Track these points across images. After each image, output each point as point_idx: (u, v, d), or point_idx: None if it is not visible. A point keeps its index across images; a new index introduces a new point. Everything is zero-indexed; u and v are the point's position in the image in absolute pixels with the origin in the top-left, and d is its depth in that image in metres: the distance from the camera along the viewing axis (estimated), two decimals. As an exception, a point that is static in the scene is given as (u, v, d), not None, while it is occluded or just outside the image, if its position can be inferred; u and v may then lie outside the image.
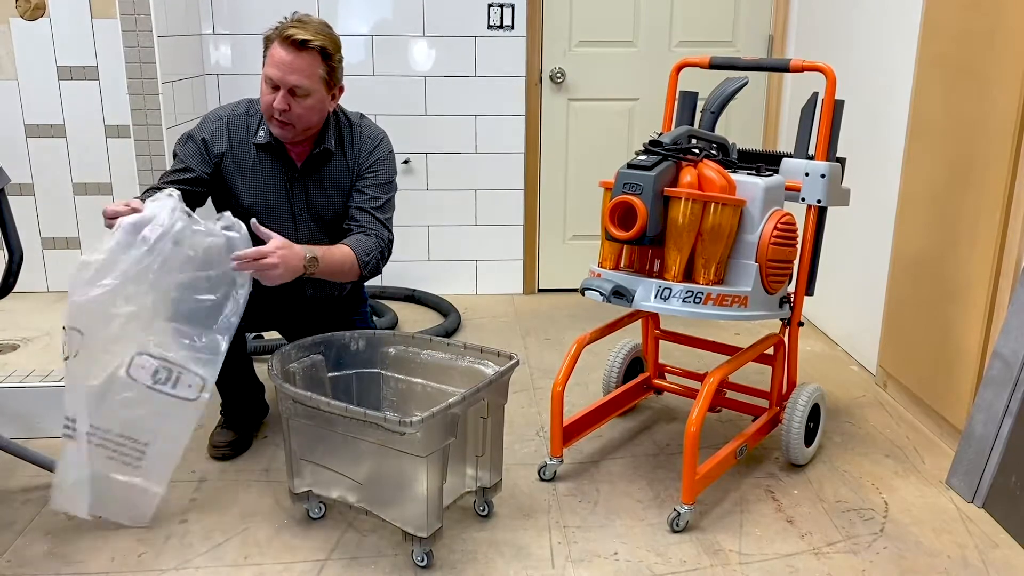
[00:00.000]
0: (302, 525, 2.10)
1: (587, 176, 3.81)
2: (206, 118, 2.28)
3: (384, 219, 2.30)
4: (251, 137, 2.25)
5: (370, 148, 2.32)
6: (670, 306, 2.04)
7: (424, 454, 1.81)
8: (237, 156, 2.25)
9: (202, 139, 2.24)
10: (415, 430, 1.76)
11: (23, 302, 3.39)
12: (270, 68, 2.12)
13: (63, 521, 2.10)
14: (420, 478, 1.85)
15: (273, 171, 2.26)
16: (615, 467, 2.39)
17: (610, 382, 2.63)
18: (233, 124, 2.26)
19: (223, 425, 2.48)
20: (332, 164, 2.29)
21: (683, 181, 2.05)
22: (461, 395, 1.86)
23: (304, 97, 2.13)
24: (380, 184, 2.31)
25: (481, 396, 1.95)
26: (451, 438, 1.87)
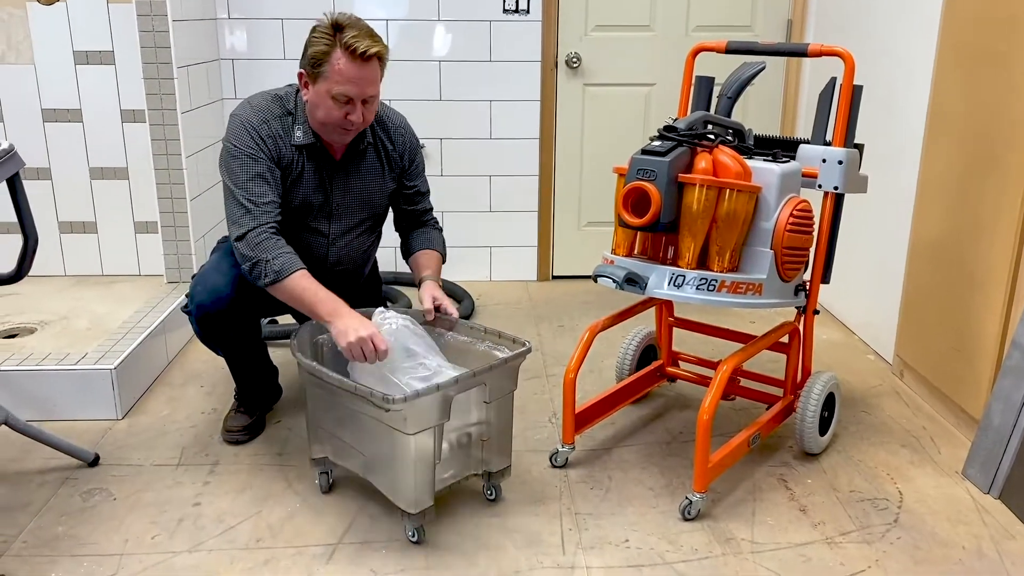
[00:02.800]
0: (314, 509, 2.11)
1: (602, 162, 3.78)
2: (243, 128, 2.15)
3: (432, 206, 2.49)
4: (290, 138, 2.20)
5: (403, 138, 2.34)
6: (683, 293, 2.03)
7: (411, 432, 1.84)
8: (283, 158, 2.20)
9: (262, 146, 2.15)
10: (399, 407, 1.79)
11: (40, 286, 3.41)
12: (344, 86, 2.04)
13: (78, 503, 2.12)
14: (407, 455, 1.88)
15: (312, 169, 2.24)
16: (627, 455, 2.38)
17: (623, 369, 2.62)
18: (272, 127, 2.17)
19: (237, 409, 2.49)
20: (367, 155, 2.29)
21: (698, 167, 2.03)
22: (453, 377, 1.87)
23: (373, 102, 2.14)
24: (423, 174, 2.44)
25: (481, 380, 1.95)
26: (443, 419, 1.89)
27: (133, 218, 3.49)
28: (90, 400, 2.53)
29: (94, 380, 2.52)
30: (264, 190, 2.13)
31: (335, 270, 2.38)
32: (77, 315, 3.08)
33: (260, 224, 2.09)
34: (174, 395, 2.72)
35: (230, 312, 2.21)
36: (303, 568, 1.89)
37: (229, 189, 2.15)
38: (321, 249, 2.33)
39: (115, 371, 2.53)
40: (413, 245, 2.42)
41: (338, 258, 2.37)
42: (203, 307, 2.21)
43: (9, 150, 1.99)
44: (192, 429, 2.50)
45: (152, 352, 2.82)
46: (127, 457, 2.34)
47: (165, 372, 2.89)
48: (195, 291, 2.24)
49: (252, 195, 2.12)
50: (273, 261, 2.06)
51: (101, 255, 3.54)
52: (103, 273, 3.56)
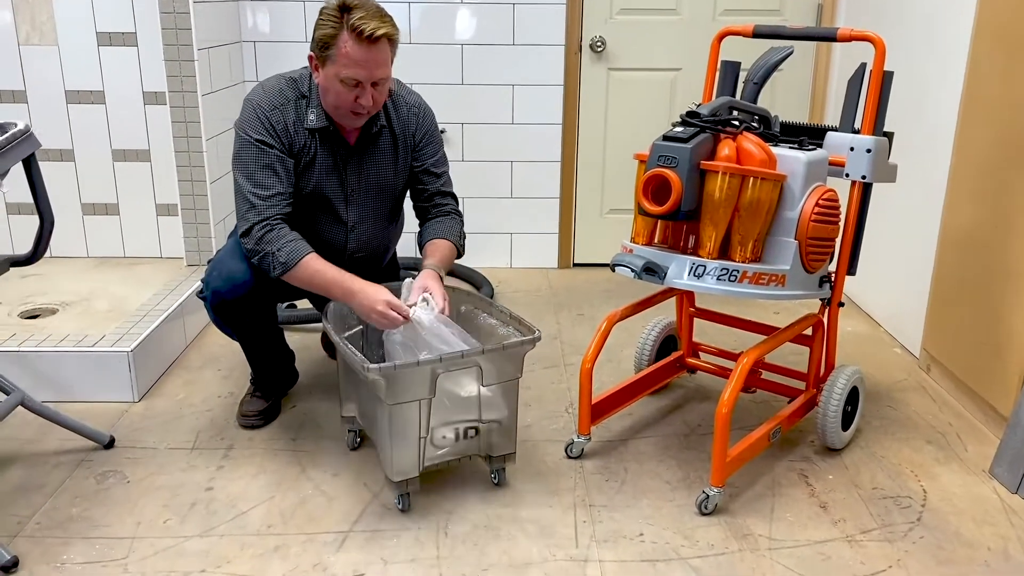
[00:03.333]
0: (327, 496, 2.09)
1: (626, 149, 3.71)
2: (255, 113, 2.13)
3: (455, 195, 2.40)
4: (303, 122, 2.17)
5: (418, 120, 2.29)
6: (704, 284, 1.98)
7: (389, 402, 1.87)
8: (295, 143, 2.17)
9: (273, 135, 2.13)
10: (372, 375, 1.82)
11: (63, 266, 3.44)
12: (352, 69, 2.01)
13: (92, 486, 2.12)
14: (385, 425, 1.91)
15: (326, 154, 2.21)
16: (644, 446, 2.35)
17: (642, 360, 2.57)
18: (285, 112, 2.14)
19: (253, 394, 2.48)
20: (381, 139, 2.26)
21: (721, 154, 1.98)
22: (437, 355, 1.89)
23: (383, 84, 2.09)
24: (440, 158, 2.36)
25: (472, 363, 1.93)
26: (427, 395, 1.90)
27: (155, 200, 3.50)
28: (107, 382, 2.53)
29: (111, 362, 2.53)
30: (272, 181, 2.11)
31: (354, 257, 2.35)
32: (98, 297, 3.09)
33: (264, 218, 2.08)
34: (191, 378, 2.72)
35: (246, 299, 2.19)
36: (313, 555, 1.88)
37: (237, 181, 2.14)
38: (340, 237, 2.31)
39: (132, 354, 2.53)
40: (424, 235, 2.34)
41: (358, 245, 2.34)
42: (219, 294, 2.20)
43: (25, 131, 1.99)
44: (208, 413, 2.50)
45: (170, 335, 2.83)
46: (142, 440, 2.34)
47: (183, 355, 2.89)
48: (210, 277, 2.22)
49: (258, 187, 2.10)
50: (279, 252, 2.04)
51: (123, 237, 3.56)
52: (125, 255, 3.57)
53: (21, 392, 2.17)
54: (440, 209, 2.36)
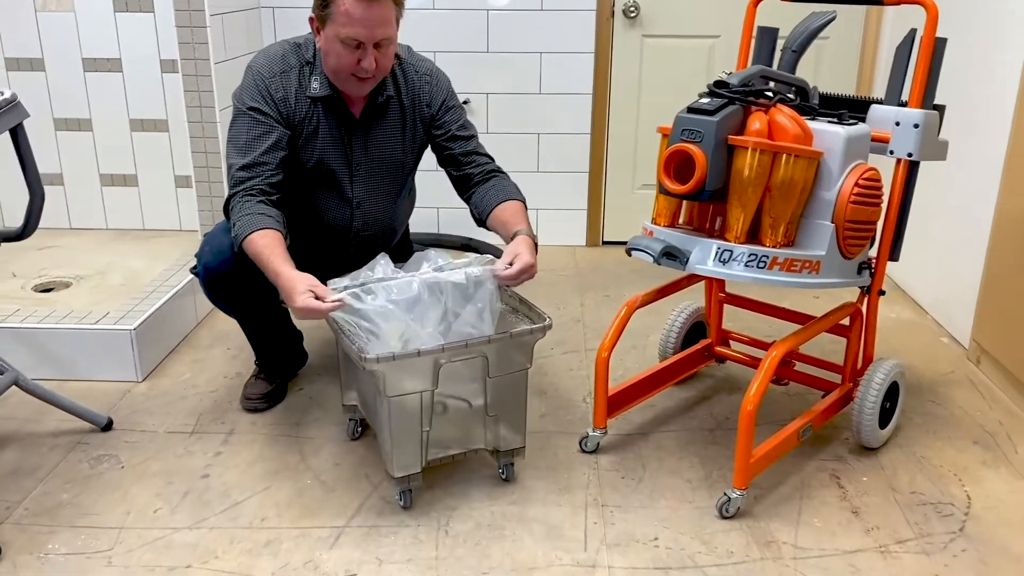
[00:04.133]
0: (325, 487, 1.99)
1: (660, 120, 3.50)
2: (254, 81, 2.02)
3: (490, 155, 2.24)
4: (305, 90, 2.05)
5: (431, 89, 2.15)
6: (730, 270, 1.82)
7: (390, 394, 1.75)
8: (295, 114, 2.05)
9: (270, 103, 2.01)
10: (371, 366, 1.69)
11: (81, 238, 3.39)
12: (351, 28, 1.88)
13: (85, 470, 2.05)
14: (386, 417, 1.80)
15: (330, 125, 2.08)
16: (666, 441, 2.20)
17: (667, 348, 2.42)
18: (286, 79, 2.03)
19: (257, 375, 2.39)
20: (389, 110, 2.12)
21: (751, 128, 1.81)
22: (439, 344, 1.75)
23: (387, 46, 1.95)
24: (465, 122, 2.20)
25: (478, 352, 1.80)
26: (429, 387, 1.78)
27: (173, 171, 3.43)
28: (109, 361, 2.46)
29: (113, 341, 2.45)
30: (258, 151, 1.99)
31: (361, 236, 2.23)
32: (113, 270, 3.03)
33: (243, 188, 1.96)
34: (198, 357, 2.64)
35: (236, 273, 2.08)
36: (305, 552, 1.78)
37: (228, 152, 2.03)
38: (345, 215, 2.19)
39: (135, 332, 2.45)
40: (483, 201, 2.12)
41: (364, 224, 2.22)
42: (209, 269, 2.10)
43: (11, 100, 1.89)
44: (212, 394, 2.41)
45: (178, 312, 2.74)
46: (141, 422, 2.26)
47: (192, 333, 2.81)
48: (202, 252, 2.12)
49: (246, 158, 1.99)
50: (236, 224, 1.92)
51: (142, 209, 3.50)
52: (144, 227, 3.52)
53: (16, 372, 2.10)
54: (483, 169, 2.17)
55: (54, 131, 3.38)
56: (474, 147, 2.18)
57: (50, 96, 3.32)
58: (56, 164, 3.42)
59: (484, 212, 2.12)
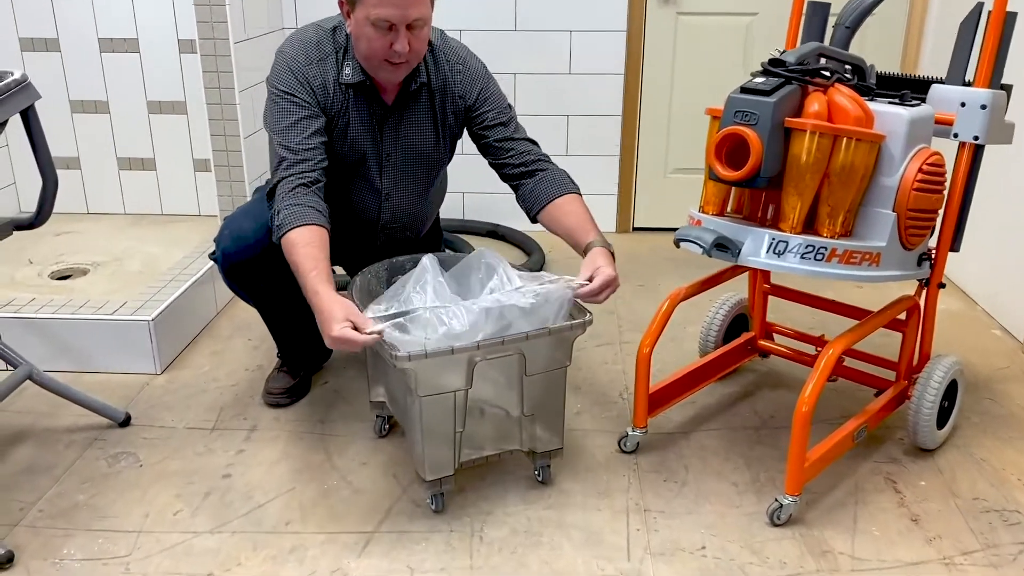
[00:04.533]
0: (352, 488, 1.90)
1: (694, 102, 3.41)
2: (288, 68, 1.90)
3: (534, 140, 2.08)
4: (338, 76, 1.92)
5: (465, 79, 2.00)
6: (785, 263, 1.70)
7: (421, 394, 1.65)
8: (331, 102, 1.93)
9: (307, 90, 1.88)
10: (402, 364, 1.58)
11: (98, 223, 3.32)
12: (383, 8, 1.75)
13: (103, 468, 1.97)
14: (417, 418, 1.69)
15: (361, 112, 1.96)
16: (708, 440, 2.09)
17: (708, 342, 2.31)
18: (323, 67, 1.91)
19: (280, 368, 2.29)
20: (421, 98, 2.00)
21: (809, 110, 1.68)
22: (474, 341, 1.63)
23: (421, 28, 1.82)
24: (503, 108, 2.05)
25: (515, 349, 1.69)
26: (463, 386, 1.68)
27: (192, 155, 3.35)
28: (127, 353, 2.37)
29: (131, 332, 2.36)
30: (304, 137, 1.87)
31: (388, 229, 2.13)
32: (131, 256, 2.96)
33: (292, 174, 1.84)
34: (219, 348, 2.55)
35: (258, 261, 1.98)
36: (332, 559, 1.68)
37: (270, 137, 1.92)
38: (373, 206, 2.08)
39: (153, 323, 2.36)
40: (531, 200, 1.99)
41: (392, 216, 2.11)
42: (228, 255, 2.00)
43: (22, 80, 1.79)
44: (233, 388, 2.32)
45: (198, 301, 2.65)
46: (160, 417, 2.17)
47: (213, 322, 2.72)
48: (221, 236, 2.02)
49: (290, 142, 1.86)
50: (279, 214, 1.79)
51: (160, 193, 3.42)
52: (162, 212, 3.44)
53: (30, 365, 2.01)
54: (525, 160, 2.01)
55: (70, 113, 3.29)
56: (512, 134, 2.04)
57: (66, 78, 3.23)
58: (72, 147, 3.34)
59: (534, 209, 2.00)
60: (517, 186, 2.03)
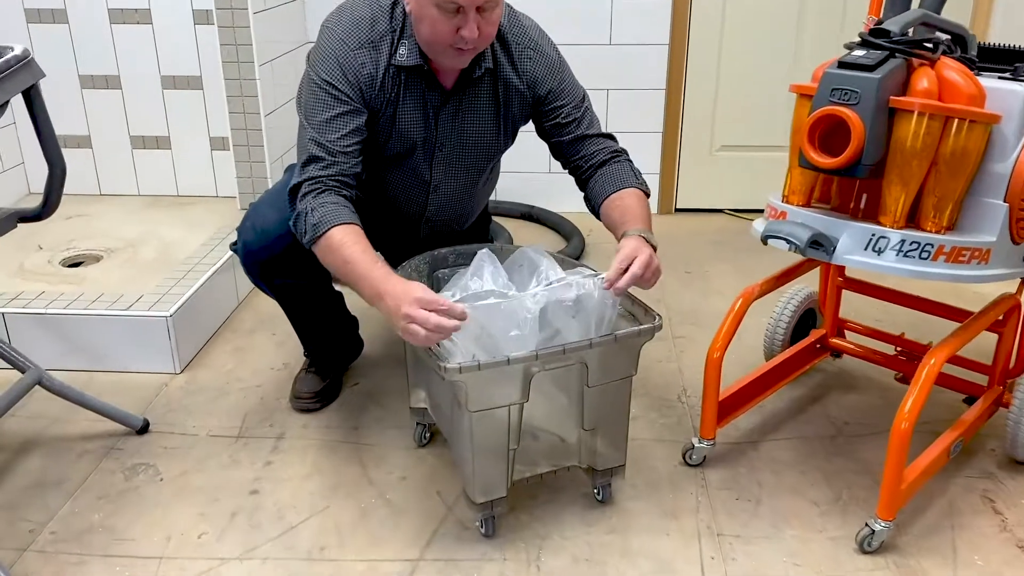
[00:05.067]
0: (393, 507, 1.72)
1: (744, 74, 3.19)
2: (332, 51, 1.67)
3: (610, 134, 1.84)
4: (391, 57, 1.70)
5: (532, 62, 1.76)
6: (884, 262, 1.50)
7: (472, 409, 1.47)
8: (380, 89, 1.71)
9: (350, 81, 1.67)
10: (452, 376, 1.41)
11: (112, 206, 3.15)
12: None
13: (120, 483, 1.80)
14: (467, 435, 1.52)
15: (415, 97, 1.74)
16: (780, 451, 1.90)
17: (775, 342, 2.11)
18: (377, 51, 1.68)
19: (307, 369, 2.11)
20: (483, 84, 1.77)
21: (916, 87, 1.47)
22: (532, 351, 1.45)
23: (492, 10, 1.60)
24: (577, 102, 1.81)
25: (576, 358, 1.51)
26: (519, 399, 1.50)
27: (209, 133, 3.16)
28: (144, 350, 2.20)
29: (148, 328, 2.19)
30: (341, 135, 1.66)
31: (431, 223, 1.94)
32: (146, 242, 2.78)
33: (324, 176, 1.63)
34: (241, 344, 2.37)
35: (284, 257, 1.79)
36: (375, 593, 1.52)
37: (301, 123, 1.70)
38: (419, 198, 1.88)
39: (171, 319, 2.18)
40: (592, 197, 1.79)
41: (438, 208, 1.92)
42: (251, 249, 1.82)
43: (23, 56, 1.60)
44: (258, 389, 2.15)
45: (218, 292, 2.47)
46: (181, 423, 2.00)
47: (234, 315, 2.54)
48: (243, 227, 1.84)
49: (325, 139, 1.65)
50: (310, 214, 1.59)
51: (176, 173, 3.24)
52: (178, 194, 3.26)
53: (39, 370, 1.85)
54: (596, 161, 1.79)
55: (80, 89, 3.10)
56: (586, 130, 1.81)
57: (74, 51, 3.04)
58: (83, 125, 3.16)
59: (595, 206, 1.79)
60: (586, 187, 1.83)
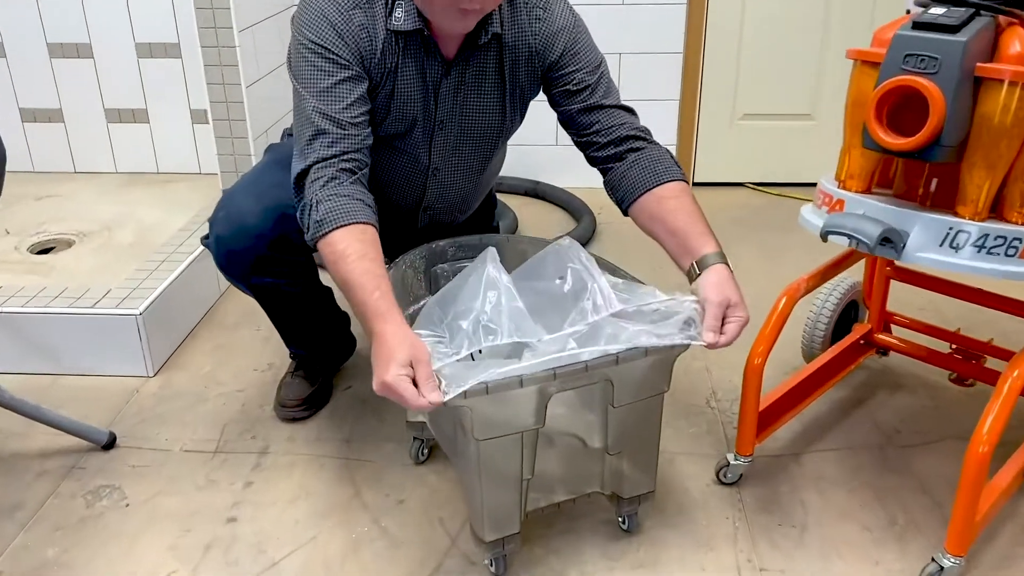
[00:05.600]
0: (389, 537, 1.52)
1: (769, 35, 2.93)
2: (322, 10, 1.42)
3: (629, 107, 1.57)
4: (386, 21, 1.46)
5: (542, 24, 1.51)
6: (963, 260, 1.27)
7: (480, 437, 1.25)
8: (375, 55, 1.46)
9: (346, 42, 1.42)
10: (455, 403, 1.17)
11: (88, 184, 2.95)
12: None
13: (80, 509, 1.59)
14: (473, 466, 1.30)
15: (413, 67, 1.50)
16: (824, 465, 1.69)
17: (814, 341, 1.89)
18: (371, 11, 1.44)
19: (294, 372, 1.89)
20: (490, 52, 1.53)
21: (1007, 51, 1.23)
22: (546, 367, 1.21)
23: None
24: (592, 66, 1.54)
25: (600, 376, 1.29)
26: (534, 424, 1.28)
27: (189, 105, 2.93)
28: (112, 352, 1.98)
29: (116, 328, 1.97)
30: (347, 105, 1.41)
31: (431, 211, 1.71)
32: (122, 224, 2.58)
33: (334, 155, 1.38)
34: (222, 342, 2.15)
35: (263, 253, 1.57)
36: (368, 646, 1.31)
37: (300, 95, 1.44)
38: (416, 183, 1.65)
39: (142, 317, 1.96)
40: (622, 191, 1.51)
41: (437, 196, 1.68)
42: (224, 244, 1.59)
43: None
44: (239, 395, 1.94)
45: (197, 283, 2.25)
46: (152, 436, 1.79)
47: (215, 308, 2.32)
48: (216, 217, 1.60)
49: (331, 110, 1.40)
50: (318, 206, 1.35)
51: (155, 149, 3.02)
52: (158, 171, 3.04)
53: (-11, 382, 1.63)
54: (615, 137, 1.52)
55: (48, 59, 2.87)
56: (601, 99, 1.54)
57: (41, 17, 2.80)
58: (54, 98, 2.93)
59: (625, 200, 1.52)
60: (605, 170, 1.57)
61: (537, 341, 1.29)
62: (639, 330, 1.28)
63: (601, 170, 1.57)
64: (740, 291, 1.36)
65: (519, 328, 1.31)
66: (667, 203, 1.46)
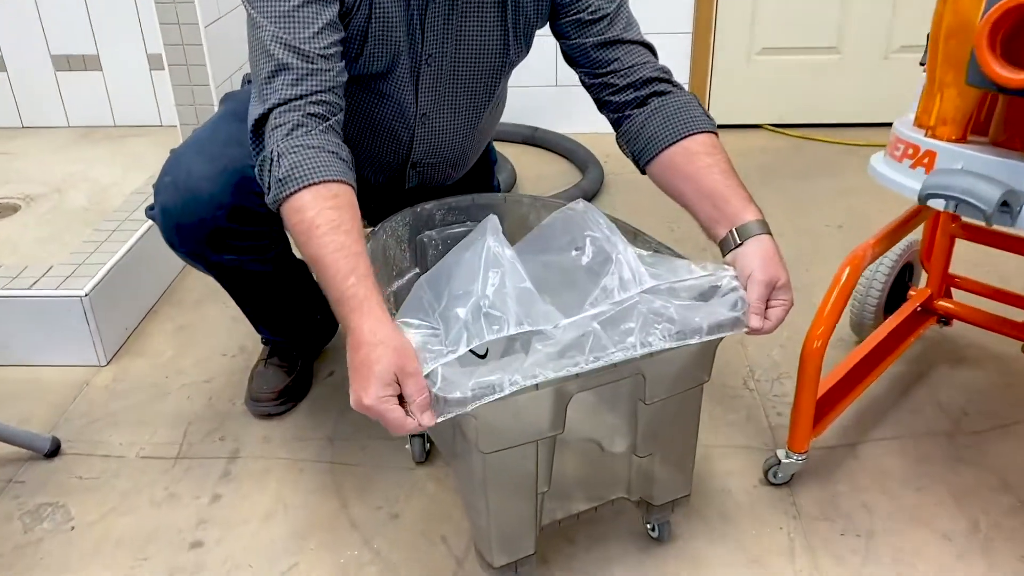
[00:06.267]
0: (382, 559, 1.28)
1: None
2: None
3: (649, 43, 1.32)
4: None
5: None
6: (1092, 226, 1.02)
7: (486, 450, 1.02)
8: None
9: None
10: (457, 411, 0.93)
11: (39, 139, 2.71)
12: None
13: (16, 535, 1.34)
14: (478, 480, 1.07)
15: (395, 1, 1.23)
16: (886, 458, 1.46)
17: (866, 312, 1.64)
18: None
19: (267, 360, 1.64)
20: None
21: None
22: (570, 370, 0.97)
23: None
24: None
25: (632, 369, 1.05)
26: (552, 430, 1.05)
27: (145, 49, 2.66)
28: (57, 339, 1.72)
29: (59, 311, 1.70)
30: (314, 33, 1.12)
31: (420, 168, 1.43)
32: (74, 185, 2.34)
33: (299, 95, 1.10)
34: (184, 322, 1.89)
35: (223, 228, 1.31)
36: None
37: (255, 22, 1.14)
38: (402, 135, 1.37)
39: (88, 299, 1.70)
40: (640, 144, 1.26)
41: (427, 149, 1.40)
42: (172, 216, 1.31)
43: None
44: (206, 386, 1.69)
45: (154, 254, 1.98)
46: (103, 440, 1.54)
47: (177, 282, 2.05)
48: (160, 184, 1.33)
49: (294, 40, 1.11)
50: (279, 161, 1.07)
51: (110, 99, 2.74)
52: (115, 123, 2.78)
53: (-102, 385, 1.37)
54: (633, 80, 1.26)
55: (-17, 0, 2.56)
56: (621, 33, 1.27)
57: (-30, -49, 2.49)
58: None
59: (644, 156, 1.25)
60: (621, 119, 1.29)
61: (553, 328, 1.03)
62: (685, 312, 1.03)
63: (615, 118, 1.29)
64: (787, 269, 1.11)
65: (529, 314, 1.05)
66: (699, 159, 1.19)
